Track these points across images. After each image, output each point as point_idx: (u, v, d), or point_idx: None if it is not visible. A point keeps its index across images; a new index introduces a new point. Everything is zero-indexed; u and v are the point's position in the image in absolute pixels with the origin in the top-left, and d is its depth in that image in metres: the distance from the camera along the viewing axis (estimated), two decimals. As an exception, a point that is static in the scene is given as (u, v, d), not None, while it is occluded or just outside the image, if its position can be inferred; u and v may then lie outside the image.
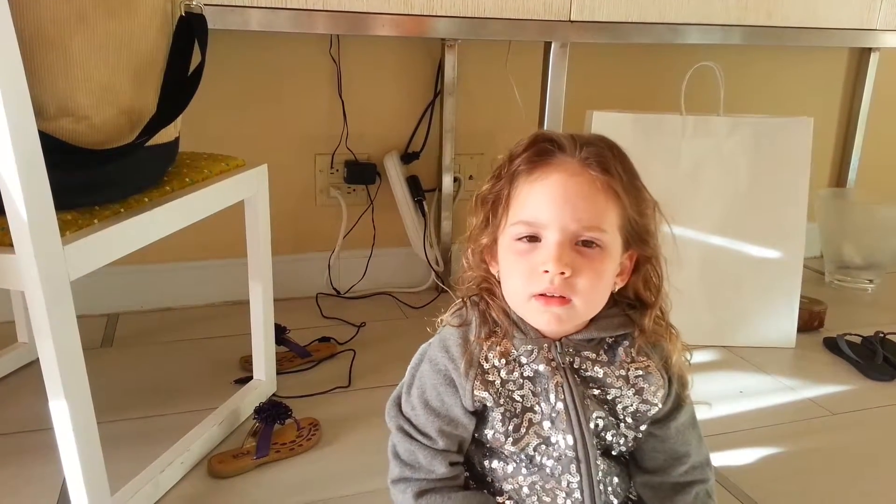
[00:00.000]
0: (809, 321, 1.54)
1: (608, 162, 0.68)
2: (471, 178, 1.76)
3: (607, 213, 0.67)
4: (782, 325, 1.47)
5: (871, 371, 1.36)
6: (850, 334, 1.47)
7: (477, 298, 0.74)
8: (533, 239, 0.67)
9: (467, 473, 0.78)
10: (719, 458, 1.07)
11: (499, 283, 0.73)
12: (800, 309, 1.47)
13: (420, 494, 0.74)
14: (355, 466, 1.04)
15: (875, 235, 1.82)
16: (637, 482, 0.80)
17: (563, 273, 0.65)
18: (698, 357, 0.79)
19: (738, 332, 1.47)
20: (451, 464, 0.74)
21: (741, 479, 1.03)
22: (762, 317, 1.47)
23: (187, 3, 0.93)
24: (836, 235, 1.86)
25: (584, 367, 0.72)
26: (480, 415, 0.73)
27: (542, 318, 0.69)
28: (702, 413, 0.81)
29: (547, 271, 0.65)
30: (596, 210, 0.67)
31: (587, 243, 0.67)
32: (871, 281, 1.84)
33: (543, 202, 0.66)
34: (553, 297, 0.66)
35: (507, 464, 0.75)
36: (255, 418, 1.09)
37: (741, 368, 1.39)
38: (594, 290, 0.68)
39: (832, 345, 1.47)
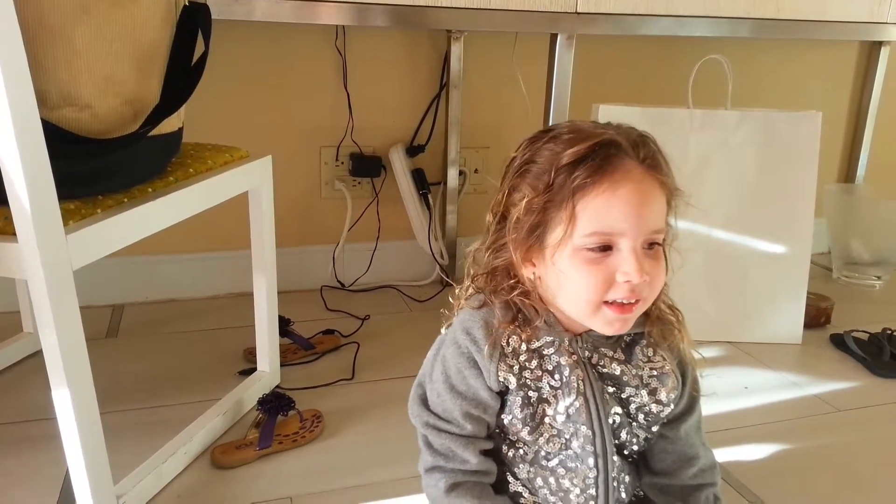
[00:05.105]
0: (816, 317, 1.53)
1: (660, 160, 0.69)
2: (476, 171, 1.76)
3: (664, 210, 0.69)
4: (789, 321, 1.46)
5: (877, 368, 1.35)
6: (858, 331, 1.46)
7: (497, 291, 0.73)
8: (603, 248, 0.66)
9: None
10: (724, 455, 1.06)
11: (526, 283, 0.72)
12: (807, 305, 1.46)
13: (452, 487, 0.73)
14: (358, 458, 1.04)
15: (883, 231, 1.81)
16: (645, 483, 0.79)
17: (645, 280, 0.65)
18: (704, 353, 0.79)
19: (745, 328, 1.46)
20: (482, 452, 0.74)
21: (746, 476, 1.03)
22: (769, 312, 1.46)
23: (191, -8, 0.92)
24: (843, 231, 1.84)
25: (601, 363, 0.73)
26: (502, 398, 0.73)
27: (613, 326, 0.68)
28: (707, 407, 0.80)
29: (629, 281, 0.65)
30: (660, 212, 0.68)
31: (651, 244, 0.67)
32: (878, 277, 1.82)
33: (619, 213, 0.65)
34: (628, 304, 0.67)
35: (525, 453, 0.74)
36: (258, 409, 1.09)
37: (747, 364, 1.38)
38: (658, 289, 0.69)
39: (839, 341, 1.46)
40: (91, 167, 0.82)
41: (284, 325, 1.33)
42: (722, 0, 1.47)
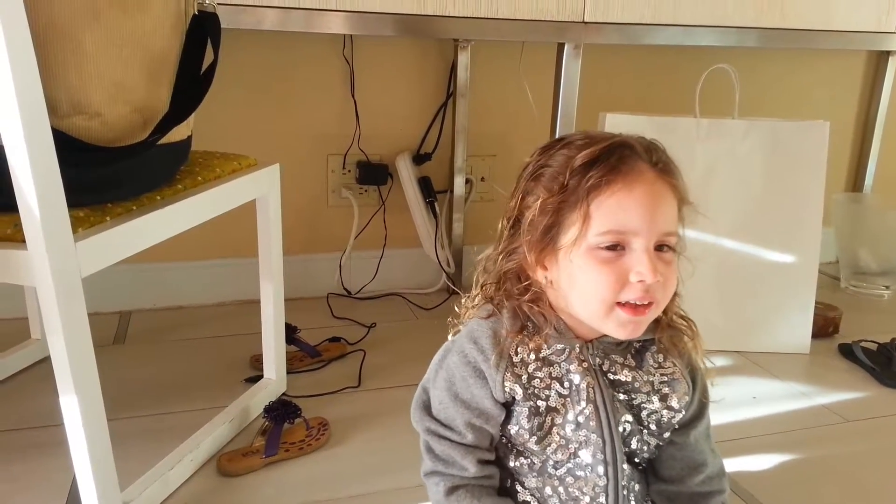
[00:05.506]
0: (824, 327, 1.52)
1: (671, 165, 0.70)
2: (482, 179, 1.76)
3: (675, 214, 0.69)
4: (797, 330, 1.45)
5: (886, 378, 1.35)
6: (866, 341, 1.46)
7: (508, 296, 0.73)
8: (616, 247, 0.67)
9: None
10: (732, 464, 1.06)
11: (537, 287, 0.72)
12: (815, 314, 1.46)
13: (452, 490, 0.74)
14: (364, 466, 1.04)
15: (891, 241, 1.80)
16: (653, 490, 0.79)
17: (658, 280, 0.66)
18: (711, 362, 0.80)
19: (752, 338, 1.45)
20: (481, 462, 0.74)
21: (753, 486, 1.02)
22: (776, 322, 1.45)
23: (200, 1, 0.93)
24: (851, 241, 1.84)
25: (612, 370, 0.73)
26: (508, 408, 0.73)
27: (626, 328, 0.68)
28: (714, 417, 0.80)
29: (642, 281, 0.66)
30: (672, 215, 0.69)
31: (663, 248, 0.68)
32: (887, 287, 1.81)
33: (633, 212, 0.66)
34: (641, 305, 0.67)
35: (533, 462, 0.74)
36: (264, 417, 1.09)
37: (755, 374, 1.37)
38: (671, 293, 0.70)
39: (847, 351, 1.45)
40: (100, 175, 0.83)
41: (291, 333, 1.34)
42: (729, 9, 1.47)
